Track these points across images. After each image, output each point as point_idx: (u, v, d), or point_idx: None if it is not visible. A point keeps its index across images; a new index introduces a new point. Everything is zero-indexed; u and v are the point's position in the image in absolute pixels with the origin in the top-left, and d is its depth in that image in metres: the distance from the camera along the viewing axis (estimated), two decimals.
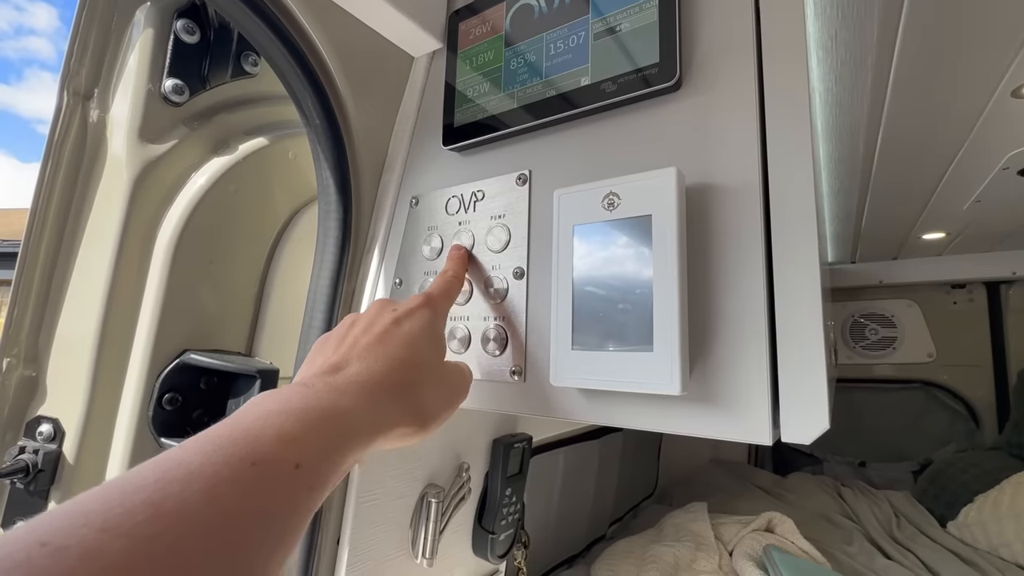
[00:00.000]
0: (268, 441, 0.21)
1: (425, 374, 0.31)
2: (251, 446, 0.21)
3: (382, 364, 0.29)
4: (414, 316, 0.33)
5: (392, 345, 0.30)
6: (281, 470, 0.21)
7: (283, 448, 0.21)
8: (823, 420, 0.28)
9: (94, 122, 0.48)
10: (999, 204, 1.17)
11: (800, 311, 0.29)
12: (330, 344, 0.31)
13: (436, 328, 0.34)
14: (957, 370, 1.82)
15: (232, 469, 0.19)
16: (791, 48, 0.32)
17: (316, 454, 0.23)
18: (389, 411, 0.28)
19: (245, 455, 0.20)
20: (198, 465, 0.19)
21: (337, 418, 0.25)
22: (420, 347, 0.31)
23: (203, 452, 0.20)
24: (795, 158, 0.31)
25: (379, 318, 0.32)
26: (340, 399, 0.26)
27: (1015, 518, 1.28)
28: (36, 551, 0.14)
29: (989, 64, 0.65)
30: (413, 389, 0.30)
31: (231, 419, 0.23)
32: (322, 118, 0.47)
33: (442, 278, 0.39)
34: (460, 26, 0.48)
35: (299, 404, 0.24)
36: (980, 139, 0.85)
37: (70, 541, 0.15)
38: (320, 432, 0.23)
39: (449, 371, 0.34)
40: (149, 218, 0.49)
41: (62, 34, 12.61)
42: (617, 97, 0.37)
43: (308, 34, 0.45)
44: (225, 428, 0.22)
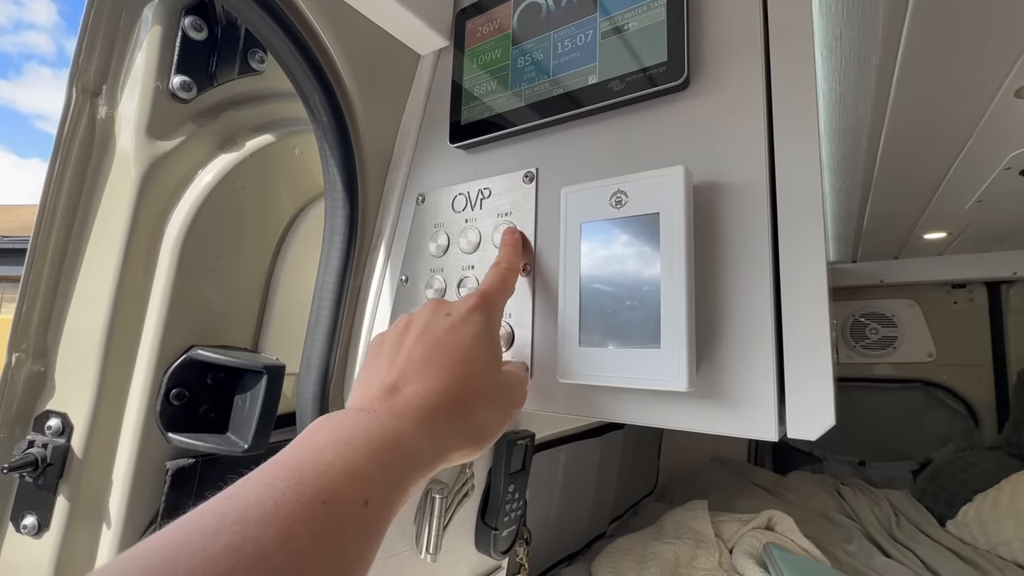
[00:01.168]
0: (337, 476, 0.21)
1: (482, 388, 0.30)
2: (321, 482, 0.21)
3: (437, 382, 0.28)
4: (468, 322, 0.31)
5: (447, 358, 0.29)
6: (351, 508, 0.21)
7: (352, 485, 0.22)
8: (829, 416, 0.28)
9: (102, 119, 0.48)
10: (1001, 204, 1.18)
11: (807, 309, 0.29)
12: (385, 355, 0.31)
13: (491, 332, 0.33)
14: (957, 370, 1.82)
15: (305, 509, 0.20)
16: (799, 47, 0.32)
17: (383, 488, 0.23)
18: (448, 435, 0.28)
19: (315, 494, 0.20)
20: (273, 505, 0.19)
21: (400, 447, 0.25)
22: (475, 359, 0.30)
23: (276, 488, 0.20)
24: (802, 157, 0.31)
25: (432, 324, 0.31)
26: (401, 426, 0.26)
27: (1014, 517, 1.28)
28: None
29: (993, 64, 0.65)
30: (470, 408, 0.29)
31: (299, 447, 0.23)
32: (329, 115, 0.47)
33: (496, 271, 0.37)
34: (467, 24, 0.48)
35: (363, 434, 0.24)
36: (983, 139, 0.85)
37: None
38: (385, 465, 0.24)
39: (505, 382, 0.33)
40: (156, 214, 0.49)
41: (61, 29, 12.43)
42: (625, 96, 0.37)
43: (316, 31, 0.45)
44: (295, 458, 0.22)
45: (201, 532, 0.18)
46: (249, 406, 0.52)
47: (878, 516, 1.49)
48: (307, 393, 0.50)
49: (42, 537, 0.46)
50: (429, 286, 0.47)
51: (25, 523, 0.47)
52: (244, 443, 0.50)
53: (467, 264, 0.45)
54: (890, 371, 1.93)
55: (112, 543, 0.47)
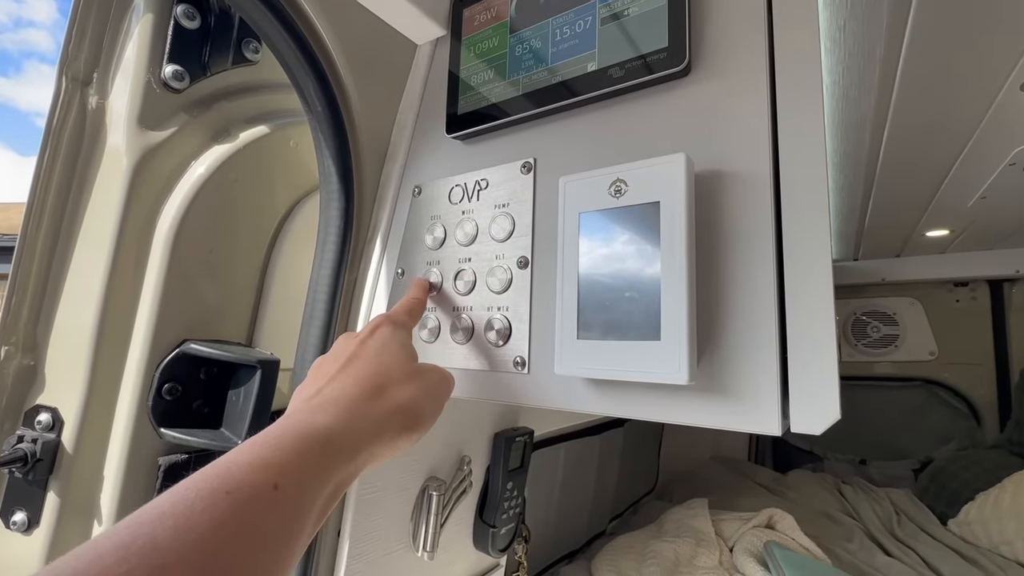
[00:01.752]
0: (242, 470, 0.21)
1: (397, 375, 0.32)
2: (223, 477, 0.21)
3: (352, 379, 0.30)
4: (375, 333, 0.34)
5: (360, 361, 0.32)
6: (258, 492, 0.21)
7: (258, 472, 0.21)
8: (834, 410, 0.27)
9: (93, 108, 0.47)
10: (1005, 201, 1.17)
11: (812, 301, 0.29)
12: (305, 386, 0.32)
13: (400, 337, 0.35)
14: (959, 368, 1.81)
15: (205, 501, 0.19)
16: (804, 33, 0.31)
17: (295, 473, 0.23)
18: (369, 417, 0.28)
19: (218, 486, 0.20)
20: (170, 505, 0.19)
21: (314, 436, 0.25)
22: (386, 354, 0.32)
23: (175, 493, 0.20)
24: (807, 146, 0.30)
25: (344, 348, 0.34)
26: (315, 418, 0.26)
27: (1016, 516, 1.27)
28: None
29: (998, 57, 0.65)
30: (388, 391, 0.30)
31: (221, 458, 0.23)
32: (324, 105, 0.46)
33: (402, 300, 0.41)
34: (464, 12, 0.47)
35: (275, 433, 0.24)
36: (987, 134, 0.84)
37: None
38: (297, 453, 0.24)
39: (424, 369, 0.34)
40: (148, 206, 0.48)
41: (61, 26, 12.25)
42: (625, 83, 0.36)
43: (311, 20, 0.44)
44: (200, 471, 0.22)
45: (93, 544, 0.17)
46: (243, 401, 0.51)
47: (879, 515, 1.48)
48: None
49: (32, 534, 0.46)
50: (425, 279, 0.46)
51: (15, 519, 0.46)
52: (238, 438, 0.50)
53: (464, 256, 0.44)
54: (891, 370, 1.92)
55: None
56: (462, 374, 0.43)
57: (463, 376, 0.43)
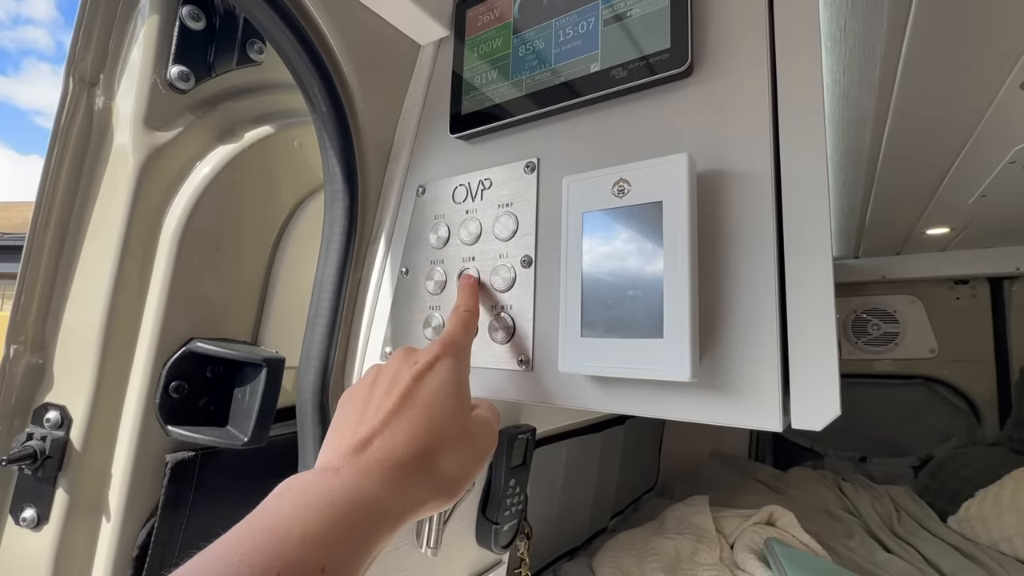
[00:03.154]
0: (293, 545, 0.21)
1: (449, 436, 0.30)
2: (275, 551, 0.21)
3: (404, 434, 0.28)
4: (435, 370, 0.32)
5: (414, 409, 0.30)
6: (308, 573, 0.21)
7: (308, 551, 0.21)
8: (834, 406, 0.28)
9: (99, 109, 0.48)
10: (1004, 199, 1.17)
11: (812, 298, 0.29)
12: (354, 409, 0.31)
13: (459, 377, 0.33)
14: (959, 366, 1.82)
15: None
16: (805, 34, 0.31)
17: (343, 552, 0.23)
18: (415, 488, 0.28)
19: (269, 563, 0.20)
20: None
21: (363, 507, 0.24)
22: (442, 406, 0.30)
23: (228, 563, 0.20)
24: (808, 143, 0.30)
25: (400, 374, 0.32)
26: (365, 484, 0.25)
27: (1016, 513, 1.28)
28: None
29: (999, 55, 0.65)
30: (436, 457, 0.29)
31: (259, 513, 0.23)
32: (328, 105, 0.46)
33: (455, 316, 0.38)
34: (468, 13, 0.48)
35: (324, 496, 0.24)
36: (987, 132, 0.84)
37: None
38: (346, 527, 0.23)
39: (475, 428, 0.32)
40: (155, 206, 0.48)
41: (60, 24, 12.35)
42: (628, 83, 0.36)
43: (315, 20, 0.45)
44: (251, 528, 0.22)
45: None
46: (249, 399, 0.52)
47: (879, 512, 1.49)
48: (307, 386, 0.50)
49: (41, 530, 0.46)
50: (429, 278, 0.47)
51: (24, 516, 0.47)
52: (244, 436, 0.50)
53: (467, 256, 0.45)
54: (892, 367, 1.92)
55: (112, 536, 0.46)
56: None
57: None
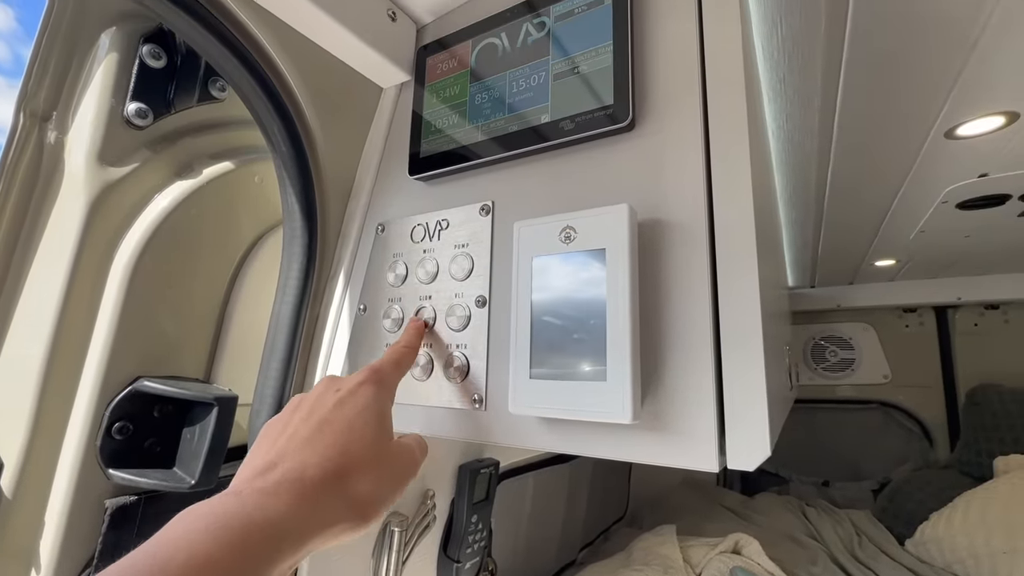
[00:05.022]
0: (176, 568, 0.21)
1: (364, 458, 0.29)
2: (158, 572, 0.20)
3: (317, 456, 0.28)
4: (357, 395, 0.32)
5: (330, 432, 0.29)
6: None
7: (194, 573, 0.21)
8: (765, 448, 0.29)
9: (51, 143, 0.47)
10: (942, 234, 1.25)
11: (743, 347, 0.31)
12: (271, 435, 0.31)
13: (380, 404, 0.32)
14: (911, 391, 1.90)
15: None
16: (732, 96, 0.34)
17: (233, 572, 0.22)
18: (323, 508, 0.27)
19: None
20: None
21: (262, 529, 0.24)
22: (359, 429, 0.30)
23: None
24: (737, 196, 0.33)
25: (321, 401, 0.31)
26: (266, 504, 0.25)
27: (966, 534, 1.33)
28: None
29: (923, 108, 0.71)
30: (350, 479, 0.28)
31: (153, 539, 0.22)
32: (288, 145, 0.47)
33: (393, 348, 0.39)
34: (428, 60, 0.50)
35: (218, 519, 0.23)
36: (920, 175, 0.91)
37: None
38: (240, 548, 0.23)
39: (394, 452, 0.32)
40: (106, 241, 0.48)
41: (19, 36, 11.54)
42: (575, 135, 0.38)
43: (276, 64, 0.46)
44: (140, 553, 0.21)
45: None
46: (198, 439, 0.50)
47: (841, 536, 1.52)
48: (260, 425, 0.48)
49: None
50: (387, 316, 0.47)
51: None
52: (191, 478, 0.49)
53: (424, 295, 0.45)
54: (850, 392, 1.99)
55: None
56: (422, 410, 0.43)
57: (423, 413, 0.43)
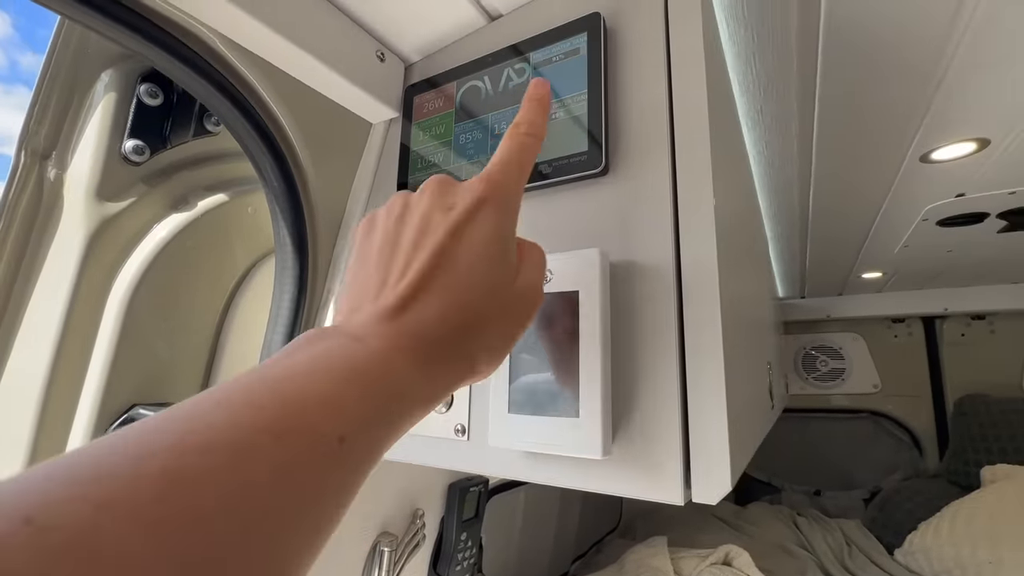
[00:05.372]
0: (310, 406, 0.18)
1: (491, 310, 0.24)
2: (288, 411, 0.17)
3: (437, 308, 0.23)
4: (476, 222, 0.25)
5: (450, 274, 0.24)
6: (323, 444, 0.17)
7: (326, 418, 0.18)
8: (726, 483, 0.31)
9: (51, 180, 0.49)
10: (925, 249, 1.28)
11: (707, 386, 0.33)
12: (375, 255, 0.26)
13: (504, 233, 0.26)
14: (900, 400, 1.92)
15: (267, 439, 0.16)
16: (698, 145, 0.36)
17: (365, 426, 0.19)
18: (446, 370, 0.23)
19: (280, 423, 0.16)
20: (222, 428, 0.15)
21: (391, 384, 0.21)
22: (483, 275, 0.24)
23: (232, 410, 0.16)
24: (701, 243, 0.35)
25: (433, 223, 0.25)
26: (394, 360, 0.21)
27: (953, 544, 1.34)
28: (18, 530, 0.11)
29: (897, 135, 0.73)
30: (473, 336, 0.24)
31: (269, 367, 0.19)
32: (280, 181, 0.49)
33: (509, 141, 0.28)
34: (415, 99, 0.52)
35: (346, 363, 0.20)
36: (899, 196, 0.93)
37: (60, 520, 0.11)
38: (371, 400, 0.20)
39: (518, 295, 0.26)
40: (103, 274, 0.49)
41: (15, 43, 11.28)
42: (552, 179, 0.40)
43: (267, 103, 0.48)
44: (261, 380, 0.18)
45: (134, 454, 0.14)
46: None
47: (831, 546, 1.53)
48: None
49: None
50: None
51: None
52: None
53: None
54: (840, 402, 2.01)
55: None
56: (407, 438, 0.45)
57: (409, 440, 0.45)
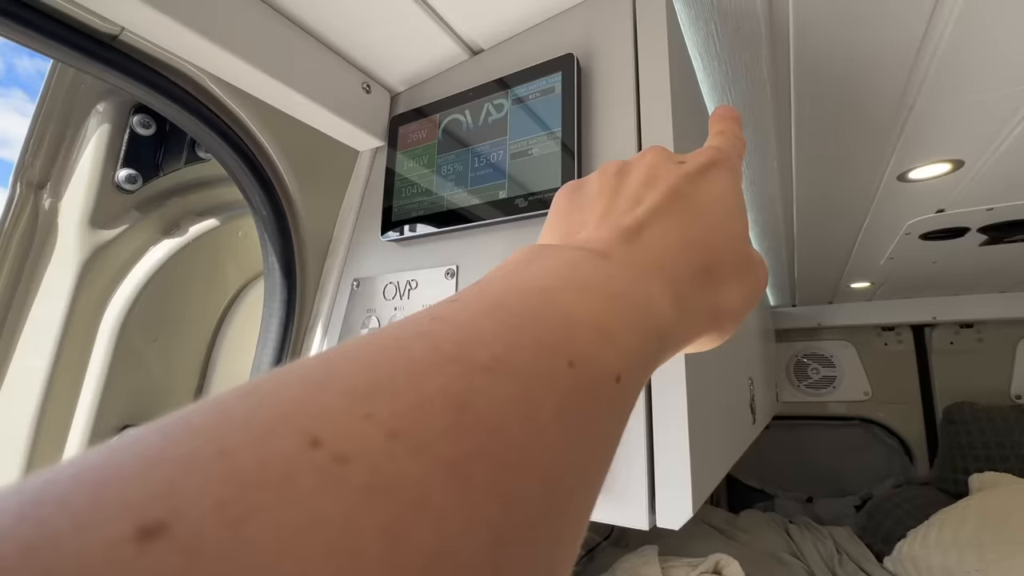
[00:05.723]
0: (584, 331, 0.15)
1: (730, 259, 0.22)
2: (565, 333, 0.14)
3: (678, 237, 0.20)
4: (710, 175, 0.23)
5: (687, 210, 0.21)
6: (603, 381, 0.14)
7: (604, 348, 0.15)
8: (687, 510, 0.33)
9: (46, 209, 0.50)
10: (911, 261, 1.30)
11: (670, 421, 0.34)
12: (592, 197, 0.23)
13: (738, 191, 0.24)
14: (891, 407, 1.94)
15: (547, 366, 0.13)
16: None
17: (636, 364, 0.16)
18: (693, 310, 0.20)
19: (559, 347, 0.14)
20: (503, 347, 0.13)
21: (651, 313, 0.17)
22: (721, 219, 0.22)
23: (505, 324, 0.13)
24: None
25: (661, 169, 0.23)
26: (648, 285, 0.18)
27: (941, 552, 1.36)
28: (307, 456, 0.08)
29: (874, 156, 0.75)
30: (717, 282, 0.21)
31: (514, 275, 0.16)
32: (269, 209, 0.51)
33: (720, 138, 0.26)
34: (400, 129, 0.53)
35: (603, 282, 0.17)
36: (880, 211, 0.95)
37: (352, 447, 0.09)
38: (638, 332, 0.16)
39: (755, 259, 0.24)
40: (96, 300, 0.51)
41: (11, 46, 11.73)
42: (528, 213, 0.42)
43: (255, 135, 0.49)
44: (518, 287, 0.15)
45: (406, 361, 0.11)
46: None
47: (822, 554, 1.55)
48: None
49: None
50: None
51: None
52: None
53: None
54: (832, 409, 2.03)
55: None
56: None
57: None
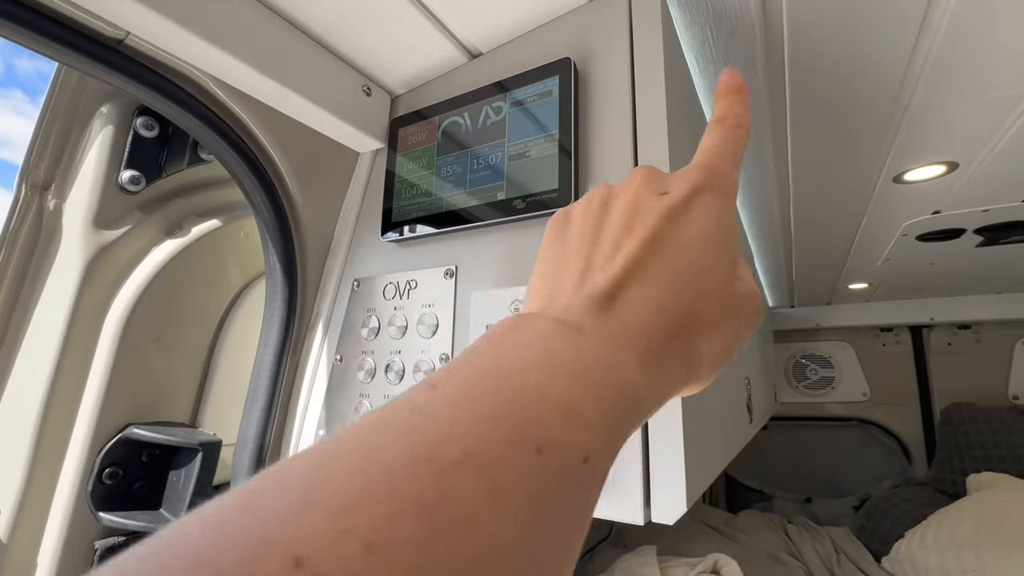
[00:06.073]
0: (555, 416, 0.15)
1: (710, 309, 0.21)
2: (533, 417, 0.15)
3: (653, 298, 0.20)
4: (693, 209, 0.21)
5: (664, 262, 0.20)
6: (570, 463, 0.15)
7: (572, 430, 0.15)
8: (682, 505, 0.33)
9: (50, 210, 0.51)
10: (908, 262, 1.31)
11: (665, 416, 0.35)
12: (576, 240, 0.22)
13: (725, 223, 0.22)
14: (889, 408, 1.95)
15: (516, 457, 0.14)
16: None
17: (604, 441, 0.16)
18: (666, 374, 0.20)
19: (528, 435, 0.14)
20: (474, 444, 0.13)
21: (623, 388, 0.17)
22: (701, 266, 0.21)
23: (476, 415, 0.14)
24: None
25: (643, 206, 0.22)
26: (618, 357, 0.18)
27: (939, 553, 1.36)
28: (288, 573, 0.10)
29: (869, 158, 0.76)
30: (693, 337, 0.20)
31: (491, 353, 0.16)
32: (270, 210, 0.51)
33: (722, 130, 0.25)
34: (400, 131, 0.54)
35: (574, 357, 0.17)
36: (876, 214, 0.96)
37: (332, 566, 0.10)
38: (607, 407, 0.17)
39: (741, 296, 0.22)
40: (100, 300, 0.51)
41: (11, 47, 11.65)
42: (526, 214, 0.43)
43: (256, 137, 0.50)
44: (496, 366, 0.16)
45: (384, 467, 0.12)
46: (183, 482, 0.54)
47: (820, 554, 1.55)
48: (242, 467, 0.52)
49: None
50: (361, 367, 0.51)
51: None
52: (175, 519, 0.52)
53: (395, 349, 0.49)
54: (830, 410, 2.04)
55: None
56: None
57: None
